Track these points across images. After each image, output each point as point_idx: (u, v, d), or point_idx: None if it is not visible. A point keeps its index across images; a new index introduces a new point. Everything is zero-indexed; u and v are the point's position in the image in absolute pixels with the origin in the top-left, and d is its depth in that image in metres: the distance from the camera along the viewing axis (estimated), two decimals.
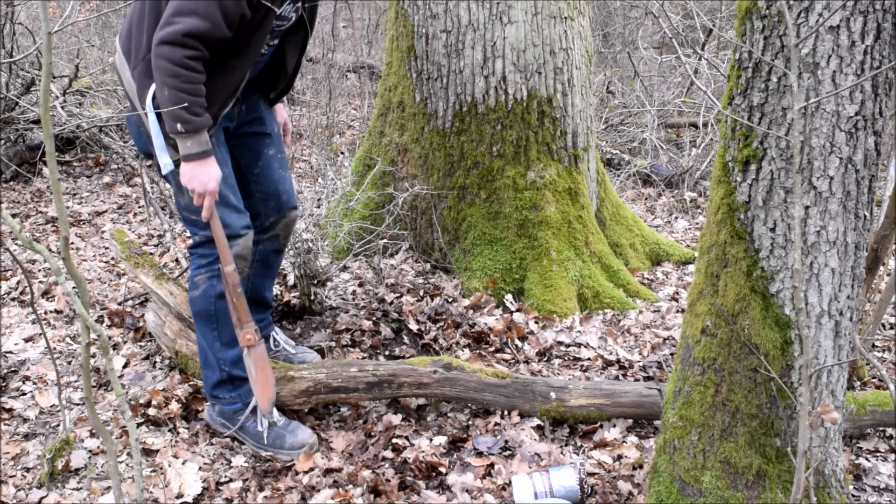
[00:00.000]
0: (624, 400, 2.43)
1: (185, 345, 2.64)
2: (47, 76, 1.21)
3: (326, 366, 2.49)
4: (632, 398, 2.43)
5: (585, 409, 2.43)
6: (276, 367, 2.44)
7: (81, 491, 2.14)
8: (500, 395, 2.45)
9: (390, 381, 2.44)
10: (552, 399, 2.43)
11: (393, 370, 2.46)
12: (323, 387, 2.43)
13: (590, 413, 2.43)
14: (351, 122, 6.61)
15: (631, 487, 2.19)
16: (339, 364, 2.50)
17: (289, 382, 2.43)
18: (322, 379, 2.44)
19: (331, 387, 2.43)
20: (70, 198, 4.48)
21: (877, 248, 2.54)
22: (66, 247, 1.33)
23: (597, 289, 3.38)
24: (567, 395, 2.44)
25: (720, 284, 1.80)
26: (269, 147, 2.47)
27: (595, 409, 2.43)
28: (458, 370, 2.47)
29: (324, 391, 2.43)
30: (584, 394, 2.44)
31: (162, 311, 2.68)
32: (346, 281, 3.41)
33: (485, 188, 3.41)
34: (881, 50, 1.58)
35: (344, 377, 2.44)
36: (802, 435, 1.53)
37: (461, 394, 2.45)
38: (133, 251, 2.79)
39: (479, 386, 2.45)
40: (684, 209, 4.97)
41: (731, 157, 1.75)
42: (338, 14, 7.05)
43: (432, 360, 2.50)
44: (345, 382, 2.44)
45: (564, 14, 3.37)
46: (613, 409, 2.43)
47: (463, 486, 2.21)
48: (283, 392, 2.41)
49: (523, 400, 2.45)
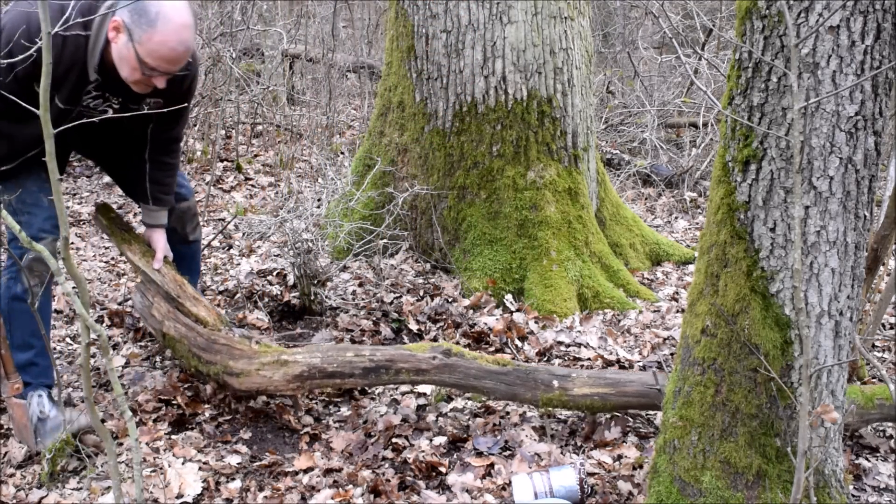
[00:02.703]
0: (629, 389, 2.34)
1: (174, 327, 2.52)
2: (47, 76, 1.22)
3: (322, 350, 2.41)
4: (637, 388, 2.34)
5: (589, 397, 2.34)
6: (268, 350, 2.40)
7: (81, 491, 2.14)
8: (500, 382, 2.36)
9: (388, 366, 2.36)
10: (555, 387, 2.34)
11: (391, 355, 2.38)
12: (318, 371, 2.35)
13: (594, 402, 2.34)
14: (351, 122, 6.61)
15: (631, 487, 2.19)
16: (334, 348, 2.44)
17: (281, 367, 2.36)
18: (317, 363, 2.36)
19: (326, 371, 2.35)
20: (70, 198, 4.48)
21: (877, 248, 2.54)
22: (65, 247, 1.33)
23: (597, 289, 3.38)
24: (570, 384, 2.35)
25: (720, 284, 1.80)
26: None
27: (599, 398, 2.34)
28: (458, 356, 2.38)
29: (318, 376, 2.35)
30: (588, 382, 2.36)
31: (149, 291, 2.58)
32: (346, 281, 3.41)
33: (485, 188, 3.41)
34: (881, 50, 1.58)
35: (340, 362, 2.36)
36: (802, 435, 1.53)
37: (461, 381, 2.37)
38: (119, 227, 2.69)
39: (480, 373, 2.36)
40: (684, 209, 4.97)
41: (731, 157, 1.75)
42: (338, 14, 7.05)
43: (431, 345, 2.42)
44: (340, 367, 2.36)
45: (564, 14, 3.37)
46: (618, 398, 2.34)
47: (463, 486, 2.21)
48: (275, 377, 2.35)
49: (525, 388, 2.36)
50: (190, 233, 2.74)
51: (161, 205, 2.58)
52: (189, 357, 2.46)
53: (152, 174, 2.53)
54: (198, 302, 2.55)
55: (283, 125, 6.18)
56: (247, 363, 2.39)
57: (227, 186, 5.14)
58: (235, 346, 2.43)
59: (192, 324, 2.49)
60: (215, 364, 2.41)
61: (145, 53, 2.07)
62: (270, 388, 2.37)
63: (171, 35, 2.07)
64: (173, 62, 2.12)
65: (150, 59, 2.08)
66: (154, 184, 2.54)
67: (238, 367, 2.39)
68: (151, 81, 2.16)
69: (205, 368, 2.44)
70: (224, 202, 4.77)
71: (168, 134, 2.50)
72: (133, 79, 2.15)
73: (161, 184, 2.55)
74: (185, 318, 2.50)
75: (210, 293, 3.35)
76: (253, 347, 2.42)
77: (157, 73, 2.12)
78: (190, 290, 2.58)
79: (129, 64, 2.11)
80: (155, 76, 2.13)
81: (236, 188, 5.14)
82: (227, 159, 5.58)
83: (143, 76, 2.13)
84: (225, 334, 2.47)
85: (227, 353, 2.42)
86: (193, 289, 2.60)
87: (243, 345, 2.43)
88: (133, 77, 2.14)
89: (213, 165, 5.05)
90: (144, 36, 2.06)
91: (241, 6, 6.03)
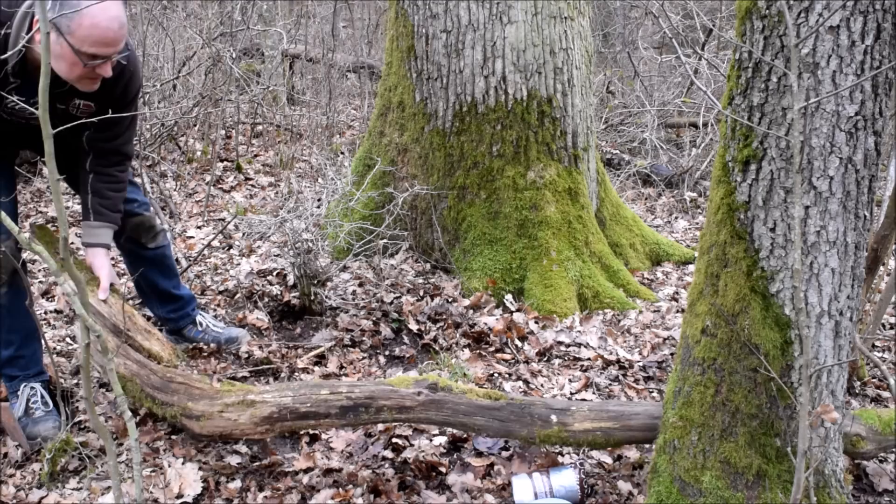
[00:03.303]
0: (633, 423, 2.17)
1: (124, 364, 2.26)
2: (46, 76, 1.21)
3: (292, 388, 2.18)
4: (642, 420, 2.16)
5: (591, 433, 2.16)
6: (231, 389, 2.20)
7: (81, 491, 2.14)
8: (493, 419, 2.17)
9: (367, 404, 2.14)
10: (553, 423, 2.17)
11: (370, 392, 2.16)
12: (289, 412, 2.13)
13: (596, 438, 2.16)
14: (351, 122, 6.61)
15: (631, 487, 2.19)
16: (307, 385, 2.20)
17: (248, 408, 2.14)
18: (287, 403, 2.13)
19: (298, 412, 2.13)
20: (70, 198, 4.47)
21: (877, 248, 2.54)
22: (65, 247, 1.33)
23: (597, 289, 3.38)
24: (570, 418, 2.17)
25: (720, 284, 1.80)
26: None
27: (602, 433, 2.16)
28: (445, 391, 2.17)
29: (290, 417, 2.13)
30: (589, 416, 2.18)
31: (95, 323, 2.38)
32: (346, 281, 3.41)
33: (485, 188, 3.41)
34: (881, 50, 1.58)
35: (313, 401, 2.14)
36: (802, 435, 1.53)
37: (449, 418, 2.17)
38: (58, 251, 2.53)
39: (470, 409, 2.16)
40: (684, 209, 4.97)
41: (731, 157, 1.75)
42: (338, 14, 7.05)
43: (415, 379, 2.20)
44: (314, 407, 2.14)
45: (564, 14, 3.37)
46: (622, 433, 2.17)
47: (463, 486, 2.21)
48: (241, 420, 2.14)
49: (520, 424, 2.16)
50: (148, 242, 2.63)
51: (103, 220, 2.39)
52: (142, 398, 2.25)
53: (94, 185, 2.37)
54: (150, 335, 2.37)
55: (283, 125, 6.18)
56: (208, 404, 2.18)
57: (226, 186, 5.15)
58: (195, 385, 2.23)
59: (144, 360, 2.30)
60: (172, 406, 2.21)
61: (79, 42, 1.95)
62: (236, 433, 2.16)
63: (100, 14, 1.94)
64: (111, 43, 1.99)
65: (86, 46, 1.96)
66: (96, 195, 2.37)
67: (198, 408, 2.18)
68: (96, 72, 2.03)
69: (160, 411, 2.23)
70: (224, 202, 4.77)
71: (109, 144, 2.35)
72: (75, 75, 2.02)
73: (103, 196, 2.38)
74: (136, 354, 2.31)
75: (210, 293, 3.35)
76: (214, 386, 2.22)
77: (98, 59, 1.99)
78: (141, 322, 2.40)
79: (67, 60, 1.98)
80: (97, 65, 2.01)
81: (236, 188, 5.14)
82: (227, 159, 5.58)
83: (86, 68, 2.00)
84: (182, 371, 2.28)
85: (186, 392, 2.21)
86: (144, 321, 2.45)
87: (203, 383, 2.23)
88: (74, 73, 2.02)
89: (213, 165, 5.05)
90: (73, 24, 1.93)
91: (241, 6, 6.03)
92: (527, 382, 2.78)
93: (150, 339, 2.37)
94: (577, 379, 2.80)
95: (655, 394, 2.72)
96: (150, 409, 2.26)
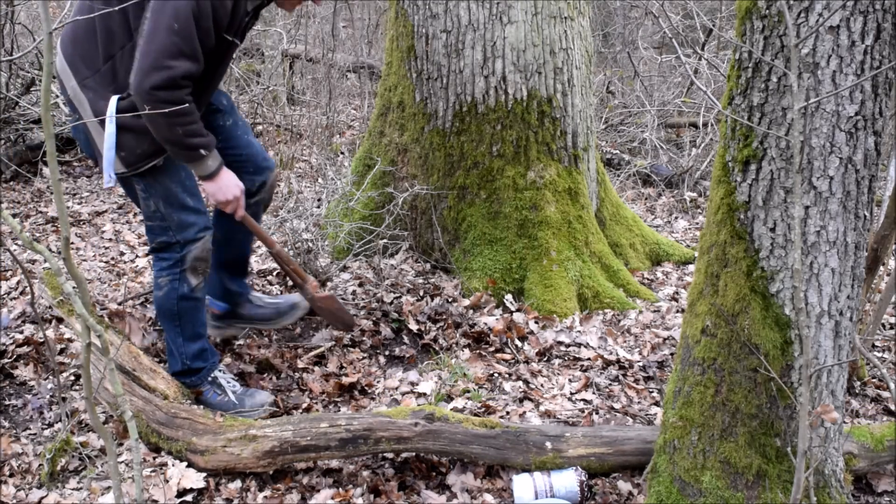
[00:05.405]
0: (627, 448, 2.24)
1: (129, 400, 2.31)
2: (48, 76, 1.21)
3: (293, 422, 2.24)
4: (635, 445, 2.23)
5: (585, 458, 2.23)
6: (234, 424, 2.27)
7: (81, 491, 2.14)
8: (489, 447, 2.22)
9: (366, 436, 2.19)
10: (548, 449, 2.23)
11: (368, 424, 2.21)
12: (290, 446, 2.18)
13: (590, 464, 2.23)
14: (351, 122, 6.61)
15: (631, 487, 2.19)
16: (306, 419, 2.26)
17: (250, 442, 2.20)
18: (288, 437, 2.19)
19: (299, 446, 2.19)
20: (70, 198, 4.48)
21: (877, 248, 2.54)
22: (66, 247, 1.33)
23: (597, 289, 3.38)
24: (564, 445, 2.24)
25: (720, 284, 1.80)
26: (224, 119, 2.57)
27: (596, 458, 2.23)
28: (442, 421, 2.22)
29: (291, 451, 2.19)
30: (584, 442, 2.25)
31: (100, 363, 2.37)
32: (346, 281, 3.41)
33: (485, 188, 3.41)
34: (881, 50, 1.58)
35: (314, 434, 2.20)
36: (802, 435, 1.53)
37: (446, 447, 2.22)
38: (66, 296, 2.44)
39: (467, 438, 2.21)
40: (684, 209, 4.97)
41: (731, 157, 1.75)
42: (338, 14, 7.05)
43: (412, 410, 2.26)
44: (315, 440, 2.19)
45: (564, 14, 3.37)
46: (616, 458, 2.24)
47: (463, 486, 2.21)
48: (243, 454, 2.19)
49: (515, 452, 2.22)
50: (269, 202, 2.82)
51: None
52: (148, 433, 2.30)
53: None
54: (155, 374, 2.42)
55: (283, 125, 6.18)
56: (211, 439, 2.23)
57: None
58: (198, 420, 2.28)
59: (149, 396, 2.34)
60: (177, 441, 2.26)
61: None
62: (239, 467, 2.20)
63: None
64: None
65: None
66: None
67: (202, 443, 2.23)
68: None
69: (166, 445, 2.28)
70: None
71: None
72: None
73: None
74: (142, 391, 2.35)
75: None
76: (217, 421, 2.28)
77: None
78: (146, 362, 2.45)
79: None
80: None
81: None
82: None
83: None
84: (187, 407, 2.34)
85: (190, 427, 2.27)
86: (150, 360, 2.50)
87: (207, 418, 2.29)
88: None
89: None
90: None
91: None
92: (527, 382, 2.78)
93: (155, 377, 2.41)
94: (577, 379, 2.80)
95: (655, 394, 2.72)
96: (157, 443, 2.30)
